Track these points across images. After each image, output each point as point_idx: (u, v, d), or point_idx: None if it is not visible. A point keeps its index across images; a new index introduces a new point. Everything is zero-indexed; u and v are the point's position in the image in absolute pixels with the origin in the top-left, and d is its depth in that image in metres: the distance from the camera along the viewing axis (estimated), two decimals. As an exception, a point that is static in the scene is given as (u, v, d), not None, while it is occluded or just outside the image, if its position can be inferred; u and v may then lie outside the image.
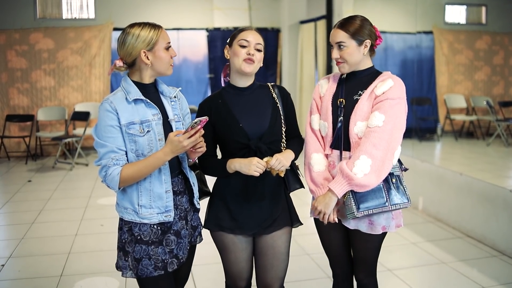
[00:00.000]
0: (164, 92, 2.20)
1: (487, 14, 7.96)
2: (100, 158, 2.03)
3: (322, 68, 7.88)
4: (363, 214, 2.16)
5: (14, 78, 8.53)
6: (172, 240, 2.15)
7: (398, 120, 2.15)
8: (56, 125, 8.71)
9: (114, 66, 2.10)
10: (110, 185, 2.03)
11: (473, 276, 3.66)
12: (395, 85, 2.17)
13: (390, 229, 2.27)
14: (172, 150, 1.98)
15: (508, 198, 4.02)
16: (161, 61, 2.08)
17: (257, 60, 2.23)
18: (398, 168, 2.25)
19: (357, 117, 2.19)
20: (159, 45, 2.06)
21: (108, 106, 2.02)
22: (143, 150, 2.05)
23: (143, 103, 2.07)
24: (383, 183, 2.18)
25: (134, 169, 2.01)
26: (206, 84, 9.59)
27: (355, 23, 2.21)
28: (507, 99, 7.82)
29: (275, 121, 2.27)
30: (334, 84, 2.36)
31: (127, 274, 2.14)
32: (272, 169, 2.16)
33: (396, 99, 2.15)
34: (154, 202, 2.09)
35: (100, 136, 2.02)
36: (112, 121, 2.01)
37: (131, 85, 2.08)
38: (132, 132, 2.03)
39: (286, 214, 2.34)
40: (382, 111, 2.13)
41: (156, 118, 2.09)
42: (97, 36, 8.75)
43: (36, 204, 5.67)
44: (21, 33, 8.47)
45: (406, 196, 2.23)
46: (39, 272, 3.80)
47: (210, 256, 3.24)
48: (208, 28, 9.31)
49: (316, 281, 3.56)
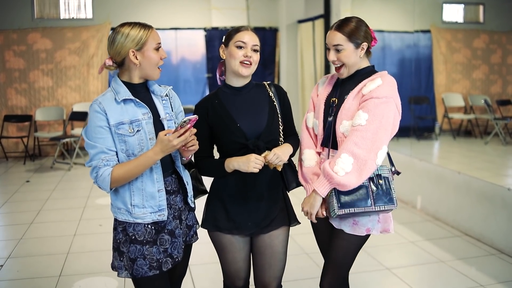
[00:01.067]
0: (155, 91, 2.19)
1: (484, 13, 7.97)
2: (91, 159, 2.03)
3: (320, 67, 7.89)
4: (343, 212, 2.13)
5: (12, 79, 8.52)
6: (166, 240, 2.15)
7: (384, 119, 2.10)
8: (54, 125, 8.70)
9: (104, 65, 2.10)
10: (101, 186, 2.02)
11: (472, 275, 3.67)
12: (383, 84, 2.13)
13: (374, 231, 2.24)
14: (162, 150, 1.97)
15: (506, 196, 4.02)
16: (149, 61, 2.07)
17: (254, 62, 2.22)
18: (387, 170, 2.21)
19: (343, 116, 2.18)
20: (148, 45, 2.05)
21: (96, 107, 2.02)
22: (133, 149, 2.04)
23: (132, 103, 2.07)
24: (369, 184, 2.15)
25: (125, 169, 2.00)
26: (204, 84, 9.59)
27: (351, 25, 2.19)
28: (504, 97, 7.84)
29: (273, 120, 2.27)
30: (331, 83, 2.37)
31: (122, 274, 2.14)
32: (269, 163, 2.16)
33: (382, 98, 2.10)
34: (147, 202, 2.08)
35: (90, 137, 2.02)
36: (101, 122, 2.01)
37: (121, 85, 2.08)
38: (122, 132, 2.02)
39: (284, 214, 2.35)
40: (365, 110, 2.10)
41: (147, 117, 2.08)
42: (95, 36, 8.74)
43: (34, 205, 5.67)
44: (19, 33, 8.46)
45: (392, 199, 2.18)
46: (38, 272, 3.79)
47: (208, 256, 3.25)
48: (206, 28, 9.30)
49: (315, 280, 3.55)
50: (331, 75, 2.41)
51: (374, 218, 2.23)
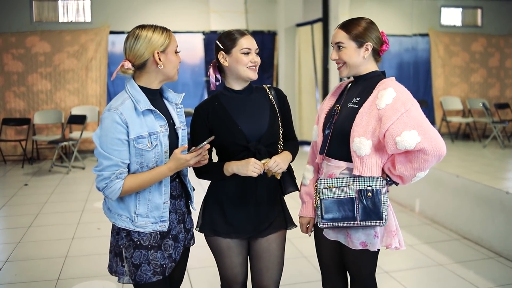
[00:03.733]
0: (170, 98, 2.18)
1: (482, 17, 8.00)
2: (102, 169, 1.95)
3: (319, 71, 7.90)
4: (327, 225, 2.09)
5: (11, 82, 8.51)
6: (170, 245, 2.14)
7: (425, 120, 2.01)
8: (53, 128, 8.69)
9: (121, 68, 2.02)
10: (108, 196, 1.99)
11: (470, 278, 3.67)
12: (397, 94, 2.02)
13: (371, 247, 2.11)
14: (177, 167, 2.01)
15: (504, 200, 4.03)
16: (171, 64, 2.06)
17: (258, 65, 2.25)
18: (380, 181, 2.08)
19: (354, 133, 2.06)
20: (170, 47, 2.05)
21: (117, 117, 1.94)
22: (148, 162, 2.02)
23: (151, 114, 2.03)
24: (356, 196, 2.06)
25: (137, 182, 1.99)
26: (203, 87, 9.59)
27: (358, 25, 2.14)
28: (503, 101, 7.86)
29: (274, 123, 2.27)
30: (337, 93, 2.32)
31: (124, 279, 2.12)
32: (268, 171, 2.16)
33: (408, 105, 2.00)
34: (151, 212, 2.07)
35: (105, 148, 1.95)
36: (120, 135, 1.95)
37: (140, 93, 2.02)
38: (141, 147, 1.99)
39: (281, 217, 2.35)
40: (408, 128, 1.96)
41: (164, 129, 2.05)
42: (94, 39, 8.74)
43: (32, 208, 5.66)
44: (17, 36, 8.46)
45: (381, 214, 2.05)
46: (36, 276, 3.78)
47: (206, 259, 3.24)
48: (204, 31, 9.32)
49: (313, 283, 3.56)
50: (339, 84, 2.36)
51: (369, 232, 2.11)
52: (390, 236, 2.16)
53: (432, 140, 1.95)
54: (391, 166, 2.09)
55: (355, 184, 2.08)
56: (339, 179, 2.11)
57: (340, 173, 2.15)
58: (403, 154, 2.02)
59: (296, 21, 8.91)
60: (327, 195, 2.10)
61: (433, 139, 1.96)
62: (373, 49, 2.16)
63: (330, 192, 2.10)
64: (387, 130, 1.98)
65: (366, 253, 2.15)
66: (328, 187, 2.11)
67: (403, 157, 2.03)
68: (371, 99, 2.08)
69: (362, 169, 2.06)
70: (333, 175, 2.15)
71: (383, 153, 2.09)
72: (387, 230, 2.15)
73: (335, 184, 2.11)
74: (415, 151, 1.96)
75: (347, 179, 2.10)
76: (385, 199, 2.08)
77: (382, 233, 2.15)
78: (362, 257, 2.18)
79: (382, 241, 2.16)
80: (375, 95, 2.08)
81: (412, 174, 2.03)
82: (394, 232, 2.16)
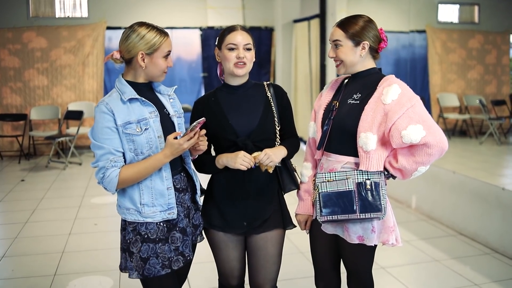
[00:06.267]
0: (162, 90, 2.21)
1: (479, 13, 8.01)
2: (97, 160, 2.02)
3: (316, 67, 7.90)
4: (326, 219, 2.09)
5: (7, 77, 8.48)
6: (177, 238, 2.15)
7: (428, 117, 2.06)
8: (49, 124, 8.67)
9: (111, 55, 2.09)
10: (107, 187, 2.02)
11: (466, 274, 3.68)
12: (403, 90, 2.06)
13: (368, 241, 2.12)
14: (172, 153, 2.01)
15: (500, 196, 4.04)
16: (155, 67, 2.08)
17: (248, 60, 2.22)
18: (378, 175, 2.09)
19: (361, 128, 2.07)
20: (159, 52, 2.06)
21: (103, 107, 2.02)
22: (142, 148, 2.05)
23: (138, 102, 2.07)
24: (355, 189, 2.07)
25: (134, 170, 2.01)
26: (200, 83, 9.58)
27: (355, 24, 2.14)
28: (499, 97, 7.88)
29: (266, 120, 2.25)
30: (334, 88, 2.32)
31: (133, 275, 2.12)
32: (261, 164, 2.15)
33: (414, 101, 2.06)
34: (156, 200, 2.08)
35: (97, 138, 2.02)
36: (108, 123, 2.01)
37: (125, 85, 2.08)
38: (129, 132, 2.02)
39: (278, 216, 2.32)
40: (414, 122, 2.01)
41: (153, 115, 2.08)
42: (91, 35, 8.71)
43: (29, 204, 5.65)
44: (13, 32, 8.42)
45: (380, 206, 2.06)
46: (32, 271, 3.79)
47: (204, 255, 3.23)
48: (201, 27, 9.30)
49: (310, 279, 3.55)
50: (335, 80, 2.36)
51: (366, 226, 2.12)
52: (388, 232, 2.16)
53: (436, 134, 2.00)
54: (392, 160, 2.11)
55: (354, 177, 2.09)
56: (337, 172, 2.12)
57: (341, 167, 2.15)
58: (406, 148, 2.06)
59: (293, 17, 8.90)
60: (326, 188, 2.11)
61: (437, 133, 2.01)
62: (370, 47, 2.16)
63: (329, 185, 2.11)
64: (393, 124, 2.02)
65: (363, 248, 2.16)
66: (326, 181, 2.12)
67: (406, 150, 2.06)
68: (376, 95, 2.10)
69: (369, 164, 2.08)
70: (334, 169, 2.16)
71: (387, 148, 2.11)
72: (385, 225, 2.15)
73: (333, 177, 2.11)
74: (419, 145, 2.00)
75: (345, 172, 2.11)
76: (384, 192, 2.09)
77: (380, 228, 2.15)
78: (359, 252, 2.19)
79: (379, 237, 2.16)
80: (380, 92, 2.10)
81: (414, 168, 2.06)
82: (392, 228, 2.16)
